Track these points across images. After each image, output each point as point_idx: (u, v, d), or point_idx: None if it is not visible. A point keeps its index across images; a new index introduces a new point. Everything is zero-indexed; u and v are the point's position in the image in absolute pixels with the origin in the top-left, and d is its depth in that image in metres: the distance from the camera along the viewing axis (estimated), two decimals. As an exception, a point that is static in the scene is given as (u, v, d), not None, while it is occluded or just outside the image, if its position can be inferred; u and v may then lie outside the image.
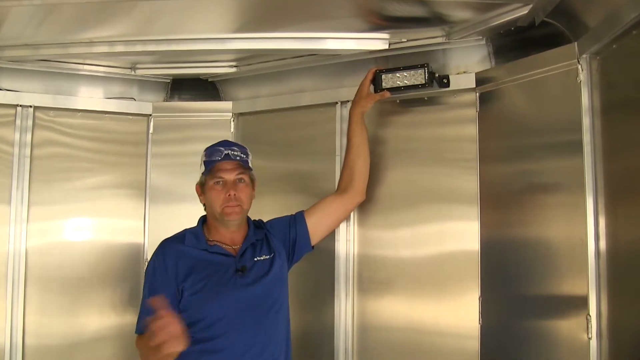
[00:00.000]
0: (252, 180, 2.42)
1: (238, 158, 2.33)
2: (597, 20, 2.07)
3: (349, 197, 2.63)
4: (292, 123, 3.15)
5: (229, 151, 2.33)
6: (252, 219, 2.50)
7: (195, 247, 2.31)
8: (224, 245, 2.35)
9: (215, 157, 2.31)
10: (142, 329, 2.16)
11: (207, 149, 2.38)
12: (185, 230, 2.40)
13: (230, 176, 2.32)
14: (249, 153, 2.41)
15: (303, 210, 2.58)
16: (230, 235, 2.37)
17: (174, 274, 2.23)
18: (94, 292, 3.17)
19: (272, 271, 2.34)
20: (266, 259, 2.37)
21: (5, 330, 2.94)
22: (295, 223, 2.53)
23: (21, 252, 3.01)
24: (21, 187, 3.03)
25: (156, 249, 2.35)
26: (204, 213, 2.47)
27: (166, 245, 2.35)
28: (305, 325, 2.91)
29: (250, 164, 2.39)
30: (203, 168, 2.35)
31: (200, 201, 2.43)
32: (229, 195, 2.29)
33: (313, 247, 2.58)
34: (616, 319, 2.02)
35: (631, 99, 1.95)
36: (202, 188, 2.39)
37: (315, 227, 2.55)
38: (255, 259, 2.34)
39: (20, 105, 3.07)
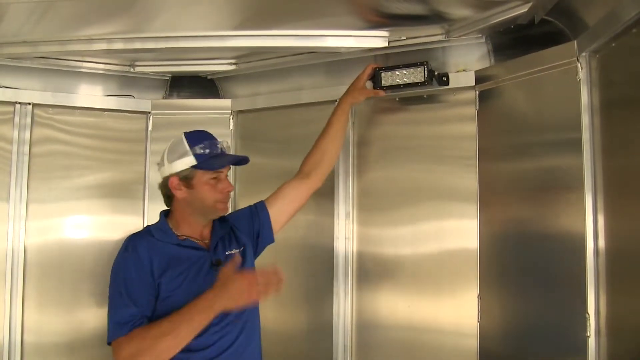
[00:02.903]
0: None
1: (227, 149, 2.26)
2: (597, 18, 2.06)
3: (312, 182, 2.54)
4: (292, 121, 3.15)
5: (222, 145, 2.23)
6: None
7: (165, 241, 2.16)
8: (194, 240, 2.22)
9: (211, 151, 2.18)
10: (130, 327, 1.97)
11: (198, 142, 2.18)
12: (149, 226, 2.25)
13: (225, 171, 2.23)
14: None
15: (263, 200, 2.49)
16: (201, 230, 2.25)
17: (150, 268, 2.07)
18: (93, 290, 3.16)
19: (245, 265, 2.28)
20: (236, 252, 2.28)
21: (4, 328, 2.95)
22: (257, 213, 2.44)
23: (20, 249, 3.01)
24: (20, 185, 3.03)
25: (125, 245, 2.15)
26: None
27: (136, 240, 2.16)
28: (304, 322, 2.92)
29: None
30: (191, 161, 2.15)
31: (177, 195, 2.19)
32: (228, 191, 2.22)
33: (274, 239, 2.49)
34: (615, 316, 2.02)
35: (630, 97, 1.95)
36: (186, 182, 2.17)
37: (278, 216, 2.47)
38: (227, 253, 2.25)
39: (19, 103, 3.07)
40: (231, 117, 3.31)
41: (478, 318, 2.54)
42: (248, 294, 1.98)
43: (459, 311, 2.59)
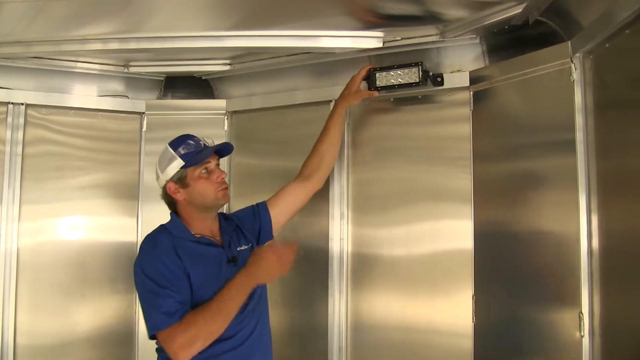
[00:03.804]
0: None
1: (212, 145, 2.35)
2: (591, 19, 2.07)
3: (311, 185, 2.66)
4: (286, 121, 3.15)
5: (203, 141, 2.33)
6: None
7: (184, 238, 2.26)
8: (208, 237, 2.33)
9: (196, 149, 2.29)
10: (180, 315, 2.08)
11: (180, 144, 2.30)
12: (164, 226, 2.32)
13: (214, 162, 2.33)
14: None
15: (264, 201, 2.60)
16: (210, 227, 2.36)
17: (179, 260, 2.17)
18: (86, 291, 3.16)
19: None
20: (247, 248, 2.39)
21: (-4, 330, 2.93)
22: (259, 213, 2.56)
23: (12, 251, 3.00)
24: (13, 186, 3.02)
25: (150, 242, 2.25)
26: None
27: (160, 236, 2.27)
28: (300, 323, 2.92)
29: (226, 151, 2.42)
30: (179, 162, 2.26)
31: (177, 198, 2.30)
32: (222, 178, 2.31)
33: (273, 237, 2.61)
34: (609, 316, 2.02)
35: (624, 98, 1.96)
36: (181, 183, 2.29)
37: (279, 217, 2.60)
38: (238, 249, 2.36)
39: (12, 103, 3.06)
40: (226, 117, 3.31)
41: (473, 318, 2.54)
42: (278, 267, 2.16)
43: (453, 311, 2.59)
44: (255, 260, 2.18)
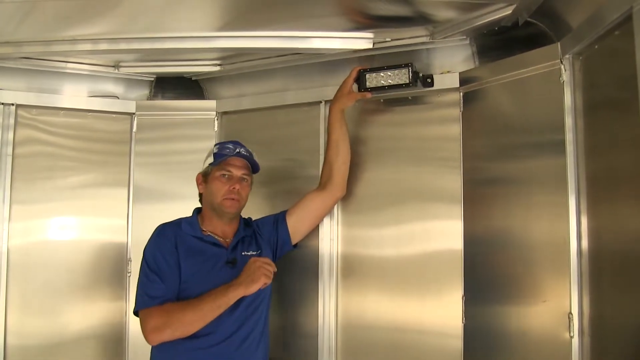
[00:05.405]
0: (251, 183, 2.56)
1: (248, 159, 2.49)
2: (580, 20, 2.08)
3: (328, 193, 2.69)
4: (276, 122, 3.14)
5: (241, 149, 2.50)
6: (242, 217, 2.60)
7: (191, 234, 2.44)
8: (216, 237, 2.47)
9: (227, 152, 2.47)
10: (159, 301, 2.26)
11: (218, 143, 2.58)
12: (181, 218, 2.51)
13: (237, 172, 2.48)
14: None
15: (286, 210, 2.67)
16: (222, 228, 2.50)
17: (175, 252, 2.36)
18: (77, 292, 3.14)
19: None
20: (253, 254, 2.46)
21: (-14, 331, 2.92)
22: (278, 223, 2.64)
23: (3, 251, 2.99)
24: (3, 186, 3.01)
25: (156, 231, 2.45)
26: (193, 208, 2.58)
27: (166, 228, 2.46)
28: (289, 324, 2.91)
29: (257, 167, 2.58)
30: (211, 159, 2.49)
31: (199, 190, 2.56)
32: (233, 188, 2.44)
33: (295, 245, 2.68)
34: (598, 317, 2.03)
35: (613, 99, 1.96)
36: (204, 177, 2.52)
37: (297, 226, 2.66)
38: (243, 254, 2.45)
39: (2, 103, 3.05)
40: (216, 118, 3.30)
41: (462, 319, 2.55)
42: (255, 277, 2.22)
43: (443, 312, 2.59)
44: (243, 270, 2.27)
